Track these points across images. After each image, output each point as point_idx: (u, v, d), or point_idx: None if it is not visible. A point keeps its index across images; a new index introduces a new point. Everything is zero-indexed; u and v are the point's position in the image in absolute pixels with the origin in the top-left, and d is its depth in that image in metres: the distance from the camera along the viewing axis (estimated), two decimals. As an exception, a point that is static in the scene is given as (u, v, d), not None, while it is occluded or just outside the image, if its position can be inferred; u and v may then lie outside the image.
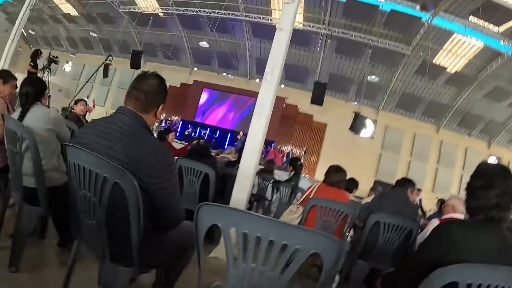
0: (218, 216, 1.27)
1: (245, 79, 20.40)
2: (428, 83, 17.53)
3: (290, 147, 19.00)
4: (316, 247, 1.17)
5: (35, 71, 9.20)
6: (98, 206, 1.56)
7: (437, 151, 19.39)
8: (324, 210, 3.43)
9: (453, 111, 18.59)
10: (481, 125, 19.10)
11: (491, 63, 15.74)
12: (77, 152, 1.62)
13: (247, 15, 17.08)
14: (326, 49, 17.40)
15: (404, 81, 17.99)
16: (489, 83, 16.83)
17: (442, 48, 15.88)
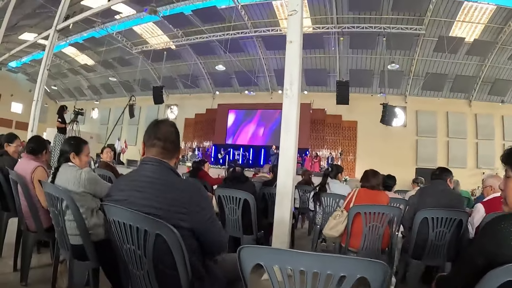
0: (260, 256, 1.31)
1: (268, 92, 20.59)
2: (450, 58, 17.14)
3: (326, 151, 18.93)
4: (361, 272, 1.18)
5: (64, 126, 9.64)
6: (144, 257, 1.62)
7: (473, 125, 18.85)
8: (368, 215, 3.44)
9: (480, 81, 18.08)
10: (512, 89, 18.58)
11: (508, 23, 15.27)
12: (114, 210, 1.70)
13: (256, 30, 17.36)
14: (341, 47, 17.38)
15: (425, 62, 17.68)
16: (511, 44, 16.36)
17: (455, 20, 15.54)
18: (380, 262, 1.16)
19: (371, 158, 18.06)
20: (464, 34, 16.13)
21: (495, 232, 1.30)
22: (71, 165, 2.65)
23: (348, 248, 3.58)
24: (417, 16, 15.62)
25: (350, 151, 19.12)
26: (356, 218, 3.48)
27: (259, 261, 1.30)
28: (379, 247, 3.52)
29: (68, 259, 2.50)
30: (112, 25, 18.52)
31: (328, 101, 17.95)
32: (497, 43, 16.19)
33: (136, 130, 24.77)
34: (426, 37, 16.38)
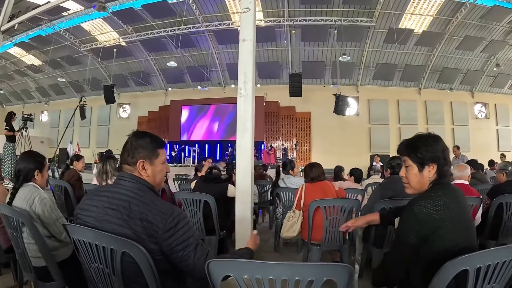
0: (229, 268, 1.31)
1: (221, 87, 20.39)
2: (400, 49, 17.66)
3: (281, 143, 18.94)
4: (327, 275, 1.22)
5: (13, 134, 9.08)
6: (113, 276, 1.56)
7: (423, 112, 19.57)
8: (328, 209, 3.49)
9: (429, 70, 18.80)
10: (460, 77, 19.28)
11: (456, 15, 15.98)
12: (77, 229, 1.63)
13: (208, 25, 17.11)
14: (293, 39, 17.47)
15: (376, 53, 18.13)
16: (458, 35, 17.04)
17: (405, 12, 16.05)
18: (346, 265, 1.22)
19: (326, 148, 18.32)
20: (413, 26, 16.68)
21: (412, 212, 1.58)
22: (30, 185, 2.51)
23: (310, 242, 3.61)
24: (368, 9, 15.97)
25: (305, 142, 19.26)
26: (316, 212, 3.52)
27: (228, 272, 1.31)
28: (340, 238, 3.61)
29: (32, 281, 2.38)
30: (60, 22, 17.62)
31: (282, 94, 17.97)
32: (445, 34, 16.85)
33: (88, 132, 23.80)
34: (377, 29, 16.80)
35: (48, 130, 25.25)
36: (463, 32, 16.93)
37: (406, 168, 1.78)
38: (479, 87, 20.24)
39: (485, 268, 1.37)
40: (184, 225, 1.62)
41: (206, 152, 18.83)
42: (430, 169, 1.70)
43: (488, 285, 1.42)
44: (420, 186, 1.73)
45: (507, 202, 3.60)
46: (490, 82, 20.01)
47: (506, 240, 3.58)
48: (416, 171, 1.73)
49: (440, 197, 1.60)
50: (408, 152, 1.76)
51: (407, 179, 1.78)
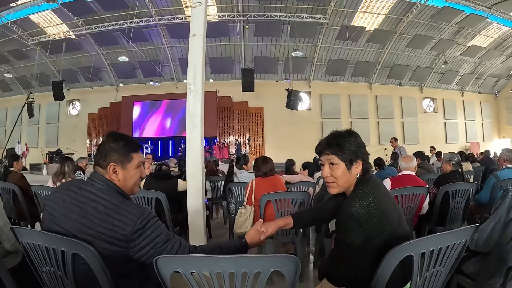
0: (177, 264, 1.31)
1: (173, 82, 20.10)
2: (351, 45, 18.16)
3: (234, 137, 18.94)
4: (274, 266, 1.25)
5: None
6: (66, 279, 1.53)
7: (374, 106, 20.18)
8: (279, 202, 3.53)
9: (380, 66, 19.39)
10: (409, 73, 20.01)
11: (407, 15, 16.63)
12: (25, 232, 1.60)
13: (160, 19, 16.80)
14: (246, 35, 17.48)
15: (328, 49, 18.47)
16: (408, 33, 17.74)
17: (357, 10, 16.50)
18: (291, 256, 1.24)
19: (279, 142, 18.46)
20: (365, 23, 17.17)
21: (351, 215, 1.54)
22: None
23: None
24: (321, 6, 16.24)
25: (258, 136, 19.35)
26: (267, 205, 3.53)
27: (176, 268, 1.30)
28: (293, 230, 3.62)
29: None
30: (7, 14, 16.81)
31: (234, 89, 17.93)
32: (396, 32, 17.44)
33: (37, 131, 22.65)
34: (329, 26, 17.13)
35: (-6, 129, 24.06)
36: (414, 30, 17.61)
37: (332, 167, 1.71)
38: (427, 83, 21.09)
39: (429, 253, 1.41)
40: (153, 224, 1.58)
41: (159, 149, 18.59)
42: (357, 165, 1.69)
43: (434, 269, 1.46)
44: (348, 184, 1.71)
45: (453, 190, 3.79)
46: (438, 79, 20.88)
47: (453, 226, 3.81)
48: (344, 169, 1.68)
49: (370, 193, 1.60)
50: (334, 150, 1.69)
51: (333, 179, 1.71)
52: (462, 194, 3.85)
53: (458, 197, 3.83)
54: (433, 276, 1.48)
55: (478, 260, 2.20)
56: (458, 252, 1.50)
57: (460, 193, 3.83)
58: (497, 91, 23.57)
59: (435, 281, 1.51)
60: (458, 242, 1.47)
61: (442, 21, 16.82)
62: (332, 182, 1.72)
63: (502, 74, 22.36)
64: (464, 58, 20.13)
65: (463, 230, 1.50)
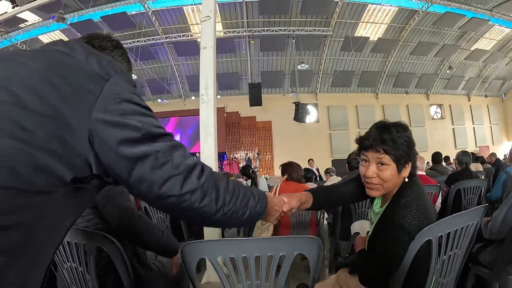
0: (203, 250, 1.30)
1: (181, 99, 20.24)
2: (356, 56, 18.21)
3: (243, 153, 19.07)
4: (298, 249, 1.24)
5: None
6: (87, 274, 1.52)
7: (381, 116, 20.14)
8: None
9: (385, 75, 19.44)
10: (415, 80, 20.05)
11: (409, 22, 16.69)
12: None
13: (167, 37, 16.99)
14: (251, 50, 17.63)
15: (333, 60, 18.59)
16: (412, 41, 17.77)
17: (360, 21, 16.60)
18: (313, 237, 1.23)
19: (288, 155, 18.29)
20: (369, 33, 17.24)
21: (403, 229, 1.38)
22: None
23: None
24: (324, 19, 16.35)
25: (267, 151, 19.46)
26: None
27: (202, 255, 1.28)
28: (308, 234, 3.51)
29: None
30: (17, 34, 17.07)
31: (242, 104, 18.11)
32: (399, 41, 17.48)
33: None
34: (333, 37, 17.22)
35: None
36: (417, 38, 17.65)
37: (380, 167, 1.44)
38: (433, 89, 21.12)
39: (446, 236, 1.37)
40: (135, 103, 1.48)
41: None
42: (408, 167, 1.46)
43: (451, 252, 1.43)
44: (394, 188, 1.49)
45: (464, 188, 3.82)
46: (444, 84, 20.89)
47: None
48: (394, 171, 1.43)
49: (420, 200, 1.43)
50: (388, 148, 1.42)
51: (379, 180, 1.45)
52: (474, 191, 3.89)
53: (470, 194, 3.87)
54: (450, 259, 1.45)
55: (494, 248, 2.21)
56: (471, 234, 1.47)
57: (472, 190, 3.87)
58: (503, 93, 23.51)
59: (453, 265, 1.48)
60: (471, 223, 1.45)
61: (444, 27, 16.86)
62: (377, 184, 1.47)
63: (507, 76, 22.24)
64: (468, 63, 20.11)
65: (475, 210, 1.47)
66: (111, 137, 0.78)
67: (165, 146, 0.85)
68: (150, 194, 0.84)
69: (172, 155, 0.85)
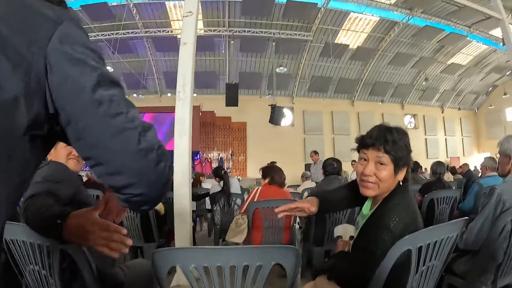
0: (176, 258, 1.25)
1: (157, 95, 19.99)
2: (334, 63, 18.37)
3: (216, 153, 19.04)
4: (275, 259, 1.22)
5: None
6: (50, 278, 1.45)
7: (356, 123, 20.44)
8: (267, 210, 3.45)
9: (362, 83, 19.70)
10: (391, 90, 20.39)
11: (389, 33, 16.96)
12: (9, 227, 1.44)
13: (147, 31, 16.71)
14: (231, 50, 17.50)
15: (312, 66, 18.68)
16: (390, 51, 18.04)
17: (341, 28, 16.76)
18: (291, 247, 1.23)
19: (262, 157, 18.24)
20: (349, 41, 17.43)
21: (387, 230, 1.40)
22: None
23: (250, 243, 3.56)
24: (306, 24, 16.40)
25: (241, 152, 19.37)
26: (256, 215, 3.48)
27: (174, 263, 1.24)
28: (280, 240, 3.60)
29: None
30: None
31: (218, 103, 17.93)
32: (378, 50, 17.72)
33: None
34: (313, 43, 17.30)
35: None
36: (395, 49, 17.93)
37: (379, 166, 1.48)
38: (408, 99, 21.50)
39: (426, 247, 1.38)
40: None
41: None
42: (403, 172, 1.51)
43: (430, 263, 1.44)
44: (387, 190, 1.52)
45: (438, 198, 3.90)
46: (419, 96, 21.32)
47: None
48: (391, 172, 1.47)
49: (410, 205, 1.49)
50: (389, 148, 1.46)
51: (375, 179, 1.48)
52: (447, 201, 3.98)
53: (443, 204, 3.96)
54: (429, 270, 1.46)
55: (468, 258, 2.25)
56: (450, 246, 1.50)
57: (444, 200, 3.96)
58: (476, 107, 24.17)
59: (431, 276, 1.49)
60: (451, 236, 1.47)
61: (423, 40, 17.17)
62: (373, 183, 1.50)
63: (481, 91, 22.93)
64: (444, 76, 20.57)
65: (456, 223, 1.50)
66: (67, 74, 0.72)
67: (120, 96, 0.80)
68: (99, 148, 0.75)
69: (128, 108, 0.80)
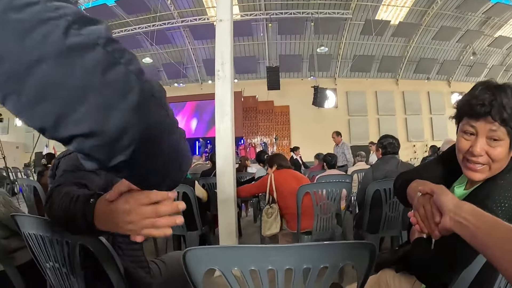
0: (214, 259, 1.01)
1: (198, 83, 20.07)
2: (376, 40, 17.73)
3: (260, 138, 18.82)
4: (346, 258, 0.99)
5: None
6: (72, 276, 1.29)
7: (401, 102, 19.73)
8: (318, 194, 3.20)
9: (406, 60, 18.92)
10: (436, 67, 19.48)
11: (432, 6, 16.14)
12: (27, 221, 1.36)
13: (183, 20, 16.76)
14: (269, 33, 17.24)
15: (353, 44, 18.14)
16: (434, 25, 17.20)
17: (381, 4, 16.10)
18: (366, 243, 0.96)
19: (305, 141, 18.14)
20: (390, 17, 16.72)
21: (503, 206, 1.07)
22: None
23: (300, 232, 3.29)
24: (344, 1, 15.89)
25: (284, 136, 19.08)
26: (304, 198, 3.17)
27: (212, 265, 0.99)
28: (333, 225, 3.37)
29: None
30: None
31: (259, 88, 17.78)
32: (421, 25, 16.97)
33: None
34: (353, 20, 16.78)
35: (24, 134, 24.54)
36: (439, 22, 17.07)
37: (492, 143, 1.12)
38: (455, 76, 20.52)
39: None
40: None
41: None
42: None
43: None
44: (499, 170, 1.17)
45: None
46: (466, 72, 20.31)
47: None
48: (507, 149, 1.12)
49: None
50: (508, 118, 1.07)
51: (487, 159, 1.13)
52: None
53: None
54: None
55: None
56: None
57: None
58: (526, 82, 22.83)
59: None
60: None
61: (468, 11, 16.26)
62: (484, 165, 1.14)
63: (531, 65, 21.70)
64: (492, 50, 19.44)
65: None
66: None
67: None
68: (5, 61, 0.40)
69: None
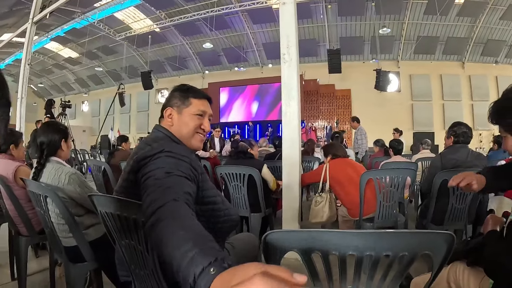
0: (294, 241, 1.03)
1: (258, 67, 20.17)
2: (441, 20, 16.79)
3: (322, 122, 18.67)
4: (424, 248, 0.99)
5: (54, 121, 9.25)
6: (147, 254, 1.29)
7: (468, 87, 18.69)
8: (382, 181, 3.19)
9: (473, 42, 17.83)
10: (505, 49, 18.31)
11: None
12: (100, 199, 1.42)
13: (241, 5, 16.79)
14: (329, 15, 16.96)
15: (416, 25, 17.35)
16: (502, 4, 15.96)
17: (445, -20, 15.33)
18: (447, 233, 0.96)
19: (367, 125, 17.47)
20: (455, -5, 15.87)
21: None
22: (54, 162, 2.31)
23: (363, 219, 3.30)
24: (406, -22, 15.30)
25: (345, 120, 18.67)
26: (367, 185, 3.20)
27: (292, 248, 1.03)
28: (396, 213, 3.36)
29: (64, 262, 2.24)
30: (93, 14, 17.85)
31: (320, 71, 17.55)
32: (488, 3, 15.86)
33: (128, 118, 24.51)
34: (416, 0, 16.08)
35: (90, 119, 26.07)
36: (507, 1, 16.03)
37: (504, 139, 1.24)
38: (526, 60, 19.29)
39: None
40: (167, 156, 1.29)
41: (246, 133, 18.66)
42: None
43: None
44: None
45: None
46: (538, 56, 19.04)
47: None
48: None
49: None
50: None
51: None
52: None
53: None
54: None
55: None
56: None
57: None
58: None
59: None
60: None
61: (540, -12, 15.02)
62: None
63: None
64: None
65: None
66: None
67: None
68: None
69: None
